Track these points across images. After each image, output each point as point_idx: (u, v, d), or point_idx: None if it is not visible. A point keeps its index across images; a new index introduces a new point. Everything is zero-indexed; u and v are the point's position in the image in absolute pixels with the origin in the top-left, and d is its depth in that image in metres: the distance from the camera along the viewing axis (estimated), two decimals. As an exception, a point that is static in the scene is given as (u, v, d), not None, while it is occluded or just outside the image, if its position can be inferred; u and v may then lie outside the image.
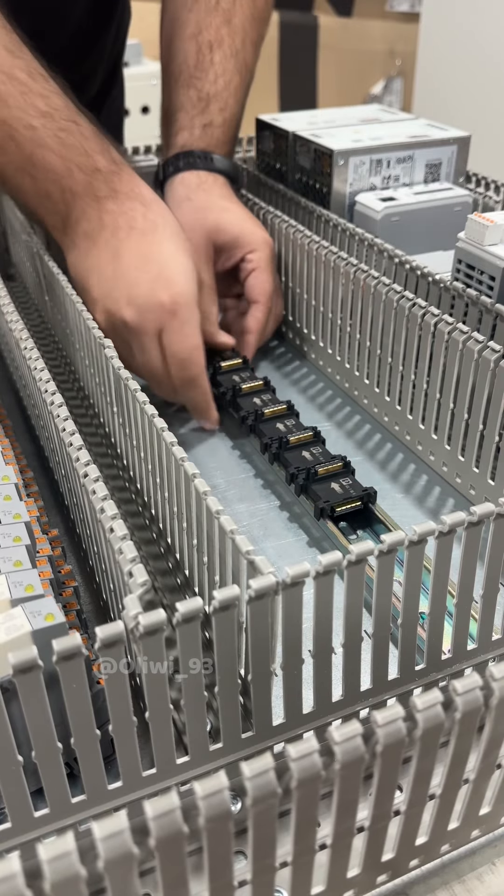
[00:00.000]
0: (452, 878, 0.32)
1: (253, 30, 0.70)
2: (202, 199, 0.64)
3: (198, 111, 0.66)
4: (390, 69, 2.34)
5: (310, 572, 0.28)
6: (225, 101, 0.67)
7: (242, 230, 0.64)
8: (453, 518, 0.30)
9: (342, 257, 0.57)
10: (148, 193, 0.56)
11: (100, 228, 0.54)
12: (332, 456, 0.51)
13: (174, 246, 0.54)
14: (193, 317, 0.54)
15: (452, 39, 1.67)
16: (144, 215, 0.54)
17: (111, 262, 0.54)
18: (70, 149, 0.53)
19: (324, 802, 0.30)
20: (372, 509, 0.48)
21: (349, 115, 0.78)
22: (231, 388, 0.58)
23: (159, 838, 0.21)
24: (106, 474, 0.50)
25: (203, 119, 0.66)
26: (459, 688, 0.24)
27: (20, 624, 0.31)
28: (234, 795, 0.32)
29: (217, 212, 0.64)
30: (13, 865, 0.19)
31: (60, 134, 0.53)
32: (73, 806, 0.29)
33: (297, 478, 0.50)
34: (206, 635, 0.31)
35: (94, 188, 0.54)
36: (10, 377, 0.64)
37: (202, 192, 0.64)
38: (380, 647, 0.33)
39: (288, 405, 0.56)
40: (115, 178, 0.55)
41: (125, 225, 0.54)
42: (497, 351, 0.45)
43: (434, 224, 0.67)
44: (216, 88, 0.66)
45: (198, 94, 0.66)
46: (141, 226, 0.54)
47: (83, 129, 0.54)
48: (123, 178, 0.55)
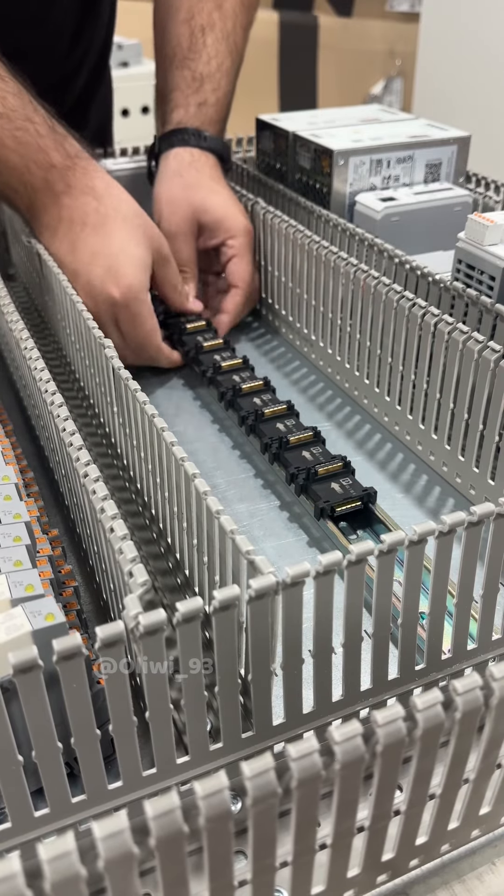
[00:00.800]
0: (452, 877, 0.32)
1: (243, 15, 0.73)
2: (192, 177, 0.67)
3: (192, 90, 0.70)
4: (390, 69, 2.34)
5: (310, 572, 0.28)
6: (217, 81, 0.70)
7: (226, 215, 0.67)
8: (453, 518, 0.30)
9: (342, 257, 0.57)
10: (101, 186, 0.59)
11: (58, 221, 0.59)
12: (332, 456, 0.51)
13: (124, 237, 0.58)
14: (144, 305, 0.59)
15: (452, 39, 1.67)
16: (96, 209, 0.58)
17: (69, 255, 0.58)
18: (26, 146, 0.56)
19: (324, 802, 0.30)
20: (372, 509, 0.48)
21: (349, 115, 0.78)
22: (231, 388, 0.58)
23: (159, 838, 0.21)
24: (106, 474, 0.50)
25: (197, 98, 0.69)
26: (459, 688, 0.24)
27: (20, 624, 0.31)
28: (234, 795, 0.32)
29: (205, 192, 0.67)
30: (13, 865, 0.19)
31: (17, 133, 0.56)
32: (74, 806, 0.29)
33: (297, 478, 0.50)
34: (206, 635, 0.31)
35: (50, 184, 0.58)
36: (10, 377, 0.64)
37: (193, 170, 0.68)
38: (380, 647, 0.33)
39: (288, 405, 0.56)
40: (70, 173, 0.58)
41: (79, 220, 0.58)
42: (497, 351, 0.45)
43: (434, 224, 0.67)
44: (209, 69, 0.70)
45: (192, 74, 0.69)
46: (93, 220, 0.58)
47: (38, 128, 0.57)
48: (77, 173, 0.58)
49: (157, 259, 0.62)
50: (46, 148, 0.57)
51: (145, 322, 0.60)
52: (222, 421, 0.60)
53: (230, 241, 0.68)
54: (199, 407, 0.62)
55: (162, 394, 0.63)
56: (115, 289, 0.57)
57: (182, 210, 0.66)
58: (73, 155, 0.59)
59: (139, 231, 0.60)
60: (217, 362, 0.61)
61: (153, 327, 0.61)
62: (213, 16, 0.71)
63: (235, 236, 0.67)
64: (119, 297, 0.57)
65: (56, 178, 0.58)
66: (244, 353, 0.64)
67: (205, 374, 0.61)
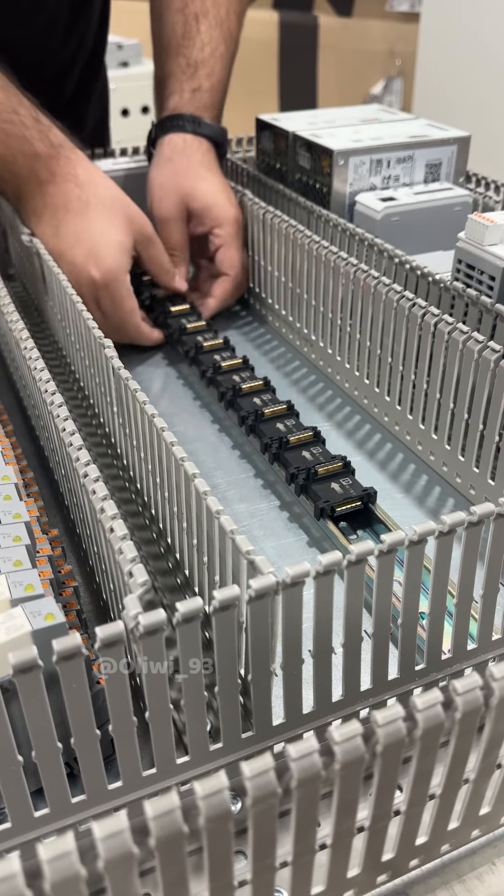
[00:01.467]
0: (452, 877, 0.32)
1: (237, 2, 0.75)
2: (182, 164, 0.69)
3: (187, 77, 0.72)
4: (390, 69, 2.34)
5: (310, 572, 0.28)
6: (212, 67, 0.72)
7: (214, 203, 0.69)
8: (453, 518, 0.30)
9: (342, 257, 0.57)
10: (83, 174, 0.62)
11: (43, 207, 0.62)
12: (332, 456, 0.51)
13: (104, 223, 0.61)
14: (123, 287, 0.62)
15: (452, 39, 1.67)
16: (79, 196, 0.61)
17: (53, 238, 0.61)
18: (12, 138, 0.59)
19: (324, 802, 0.30)
20: (372, 509, 0.48)
21: (349, 115, 0.78)
22: (231, 389, 0.58)
23: (159, 838, 0.21)
24: (106, 474, 0.50)
25: (192, 84, 0.72)
26: (459, 688, 0.24)
27: (20, 624, 0.31)
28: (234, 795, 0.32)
29: (193, 179, 0.69)
30: (13, 865, 0.19)
31: (4, 125, 0.59)
32: (73, 806, 0.29)
33: (297, 478, 0.50)
34: (206, 635, 0.31)
35: (35, 172, 0.61)
36: (10, 377, 0.64)
37: (184, 157, 0.70)
38: (380, 647, 0.33)
39: (288, 405, 0.56)
40: (54, 161, 0.61)
41: (62, 206, 0.61)
42: (497, 351, 0.44)
43: (434, 224, 0.67)
44: (203, 56, 0.72)
45: (186, 61, 0.72)
46: (75, 207, 0.61)
47: (24, 119, 0.60)
48: (61, 162, 0.61)
49: (141, 241, 0.64)
50: (31, 138, 0.60)
51: (124, 302, 0.63)
52: (222, 421, 0.60)
53: (217, 231, 0.69)
54: (199, 407, 0.62)
55: (162, 394, 0.63)
56: (96, 271, 0.60)
57: (172, 196, 0.68)
58: (57, 145, 0.61)
59: (119, 216, 0.62)
60: (217, 362, 0.61)
61: (132, 307, 0.64)
62: (207, 3, 0.73)
63: (222, 225, 0.69)
64: (99, 278, 0.60)
65: (40, 167, 0.61)
66: (244, 352, 0.64)
67: (205, 374, 0.61)
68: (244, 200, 0.71)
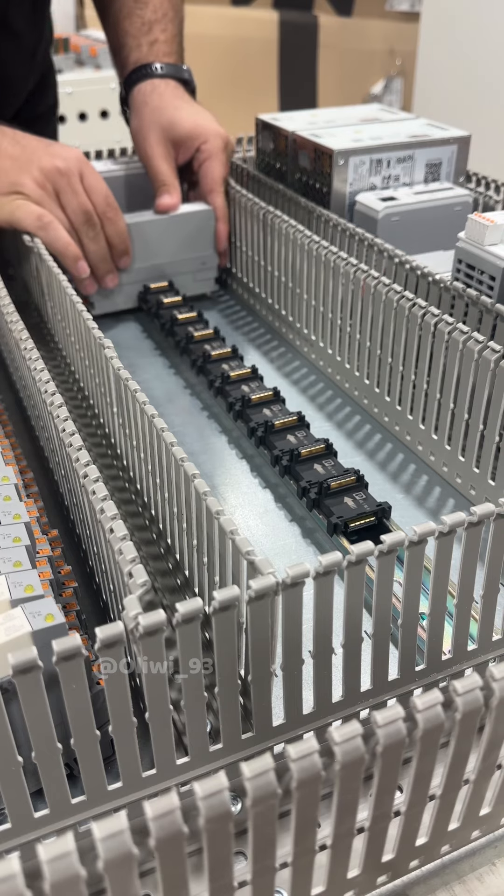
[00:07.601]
0: (453, 878, 0.32)
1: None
2: (156, 101, 0.73)
3: (143, 33, 0.77)
4: (390, 69, 2.34)
5: (310, 572, 0.28)
6: (164, 25, 0.78)
7: (196, 123, 0.71)
8: (453, 518, 0.30)
9: (342, 257, 0.57)
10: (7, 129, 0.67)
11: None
12: (344, 469, 0.49)
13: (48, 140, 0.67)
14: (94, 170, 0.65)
15: (452, 39, 1.67)
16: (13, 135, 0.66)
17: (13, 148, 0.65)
18: None
19: (324, 803, 0.30)
20: (386, 524, 0.46)
21: (349, 115, 0.78)
22: (240, 400, 0.57)
23: (159, 839, 0.21)
24: (106, 474, 0.50)
25: (149, 38, 0.77)
26: (459, 688, 0.24)
27: (20, 624, 0.31)
28: (234, 796, 0.32)
29: (171, 110, 0.72)
30: (13, 866, 0.19)
31: None
32: (73, 806, 0.29)
33: (309, 492, 0.48)
34: (206, 635, 0.31)
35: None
36: (10, 377, 0.64)
37: (156, 96, 0.73)
38: (380, 648, 0.33)
39: (299, 416, 0.54)
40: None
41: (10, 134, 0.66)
42: (497, 351, 0.44)
43: (434, 224, 0.67)
44: (156, 16, 0.78)
45: (140, 20, 0.77)
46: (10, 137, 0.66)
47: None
48: None
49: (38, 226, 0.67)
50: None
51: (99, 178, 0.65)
52: (220, 419, 0.60)
53: (203, 147, 0.71)
54: (199, 408, 0.62)
55: (162, 394, 0.63)
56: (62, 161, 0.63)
57: (153, 133, 0.71)
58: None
59: None
60: (225, 371, 0.60)
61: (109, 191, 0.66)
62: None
63: (207, 140, 0.71)
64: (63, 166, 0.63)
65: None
66: (243, 352, 0.64)
67: (213, 384, 0.59)
68: (244, 200, 0.71)
